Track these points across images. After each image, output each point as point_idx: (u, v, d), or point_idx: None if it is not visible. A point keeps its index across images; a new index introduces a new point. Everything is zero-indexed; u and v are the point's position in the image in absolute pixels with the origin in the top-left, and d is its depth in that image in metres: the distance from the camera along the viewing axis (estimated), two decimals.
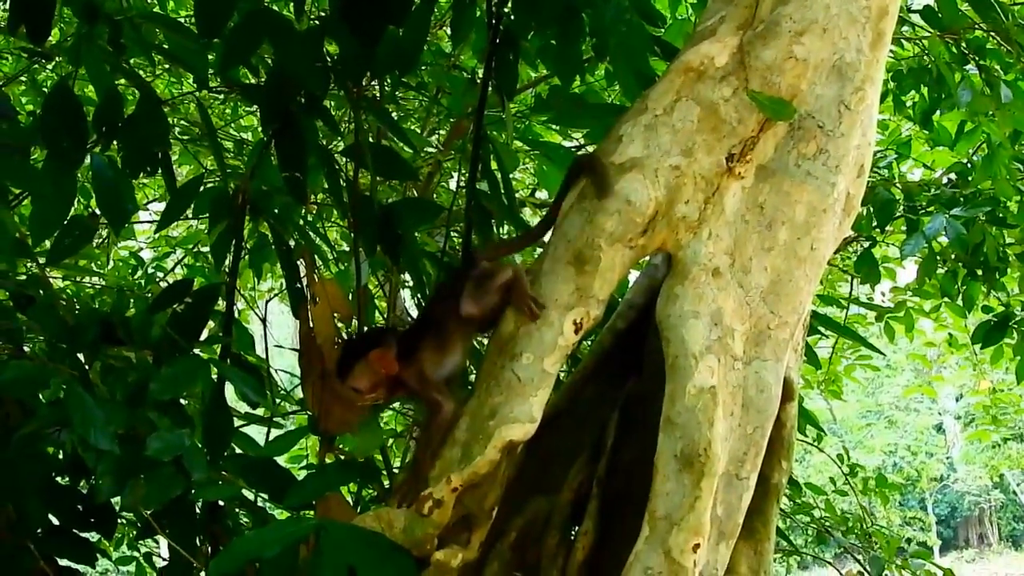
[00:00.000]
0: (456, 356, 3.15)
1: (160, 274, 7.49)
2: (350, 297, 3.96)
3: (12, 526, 3.44)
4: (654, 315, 3.14)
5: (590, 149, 3.66)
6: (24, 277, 4.13)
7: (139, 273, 7.36)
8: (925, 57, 6.16)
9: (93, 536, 3.71)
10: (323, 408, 3.33)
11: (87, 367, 3.41)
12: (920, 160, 7.43)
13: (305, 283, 3.81)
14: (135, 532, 5.16)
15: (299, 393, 5.23)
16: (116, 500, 3.46)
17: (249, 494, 3.89)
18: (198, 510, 3.68)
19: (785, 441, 3.25)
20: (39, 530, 3.48)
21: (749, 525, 3.12)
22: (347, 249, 5.59)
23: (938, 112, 6.50)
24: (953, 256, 6.47)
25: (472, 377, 3.37)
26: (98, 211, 3.60)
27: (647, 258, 3.47)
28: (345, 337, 3.65)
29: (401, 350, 3.13)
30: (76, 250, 3.79)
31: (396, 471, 4.32)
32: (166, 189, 3.94)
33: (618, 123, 3.14)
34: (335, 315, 3.60)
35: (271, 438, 4.05)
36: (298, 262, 3.98)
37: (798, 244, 3.09)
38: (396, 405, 5.60)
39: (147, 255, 7.87)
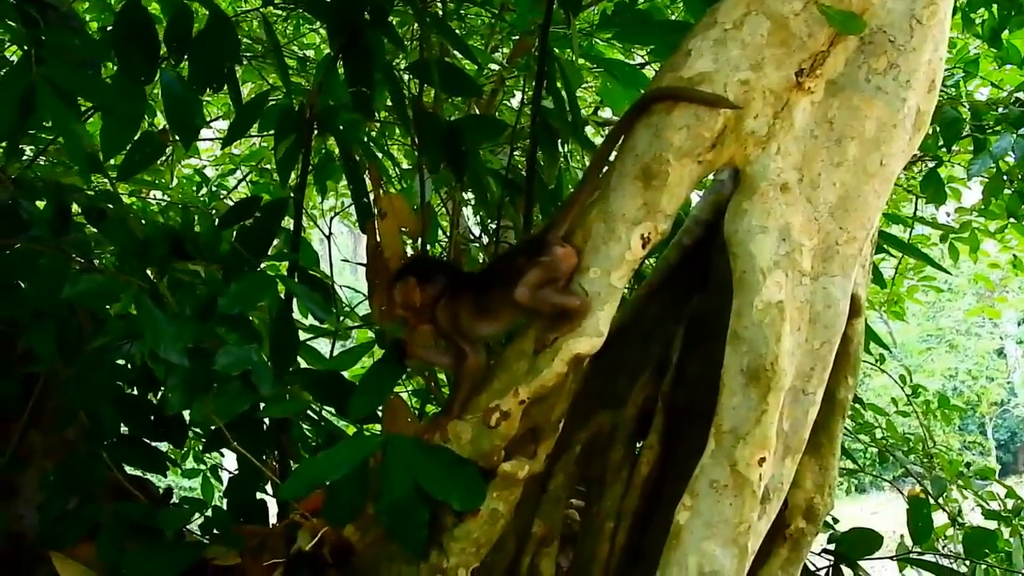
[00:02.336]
0: (495, 325, 3.12)
1: (224, 192, 7.52)
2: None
3: (85, 435, 3.50)
4: (721, 231, 3.13)
5: (655, 67, 3.64)
6: (92, 193, 4.17)
7: (203, 191, 7.39)
8: None
9: (163, 446, 3.78)
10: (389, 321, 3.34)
11: (157, 282, 3.44)
12: (988, 79, 7.31)
13: (372, 198, 3.82)
14: (201, 445, 5.24)
15: (362, 309, 5.28)
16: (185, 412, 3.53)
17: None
18: (266, 424, 3.74)
19: (852, 357, 3.24)
20: (111, 439, 3.54)
21: (814, 440, 3.12)
22: (410, 167, 5.60)
23: (1007, 30, 6.39)
24: (1020, 176, 6.38)
25: None
26: (167, 127, 3.62)
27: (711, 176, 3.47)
28: (410, 252, 3.65)
29: (448, 291, 3.14)
30: (146, 165, 3.83)
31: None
32: (232, 106, 3.94)
33: (687, 37, 3.10)
34: (402, 229, 3.60)
35: (336, 353, 4.10)
36: (364, 177, 3.99)
37: (867, 160, 3.06)
38: None
39: (211, 173, 7.90)
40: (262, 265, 3.67)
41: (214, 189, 7.51)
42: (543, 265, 2.96)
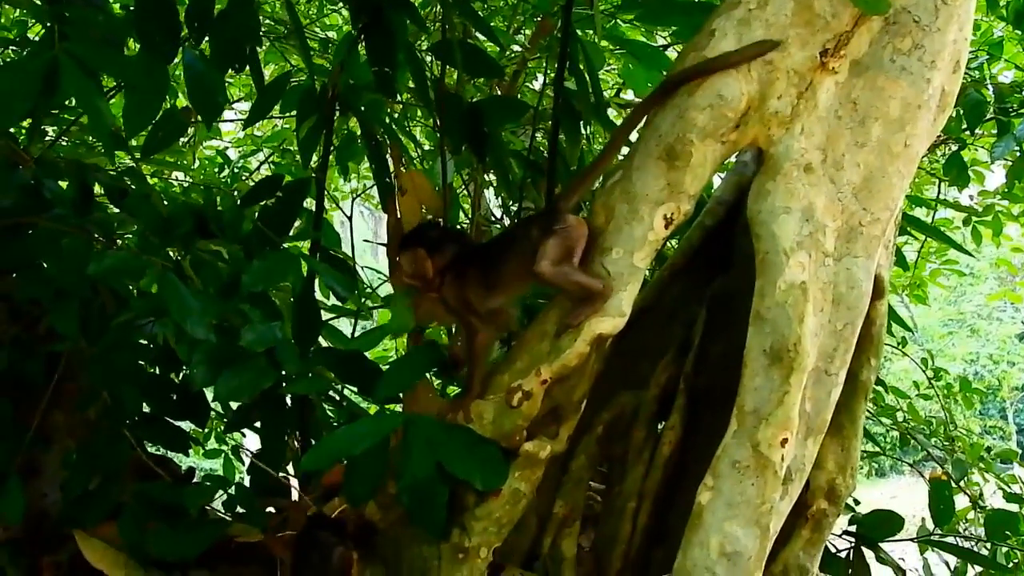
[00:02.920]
0: (504, 297, 3.11)
1: (246, 173, 7.53)
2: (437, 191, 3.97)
3: (108, 414, 3.51)
4: (743, 212, 3.13)
5: (677, 48, 3.62)
6: (114, 173, 4.18)
7: (225, 172, 7.41)
8: None
9: (185, 426, 3.79)
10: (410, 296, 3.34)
11: (180, 259, 3.44)
12: (1012, 61, 7.26)
13: (393, 175, 3.82)
14: (223, 426, 5.25)
15: (383, 290, 5.28)
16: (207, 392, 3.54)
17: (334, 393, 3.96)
18: (288, 403, 3.74)
19: (874, 338, 3.24)
20: (134, 418, 3.55)
21: (837, 422, 3.12)
22: (432, 148, 5.60)
23: None
24: None
25: None
26: (190, 106, 3.62)
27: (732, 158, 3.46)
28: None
29: (458, 263, 3.13)
30: (169, 143, 3.83)
31: None
32: (254, 86, 3.94)
33: (710, 17, 3.09)
34: (423, 206, 3.59)
35: (358, 333, 4.10)
36: (387, 157, 3.99)
37: (892, 140, 3.05)
38: None
39: (232, 154, 7.91)
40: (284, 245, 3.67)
41: (236, 170, 7.53)
42: (559, 235, 2.93)
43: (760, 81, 2.97)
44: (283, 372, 3.27)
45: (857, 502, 4.53)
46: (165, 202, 4.23)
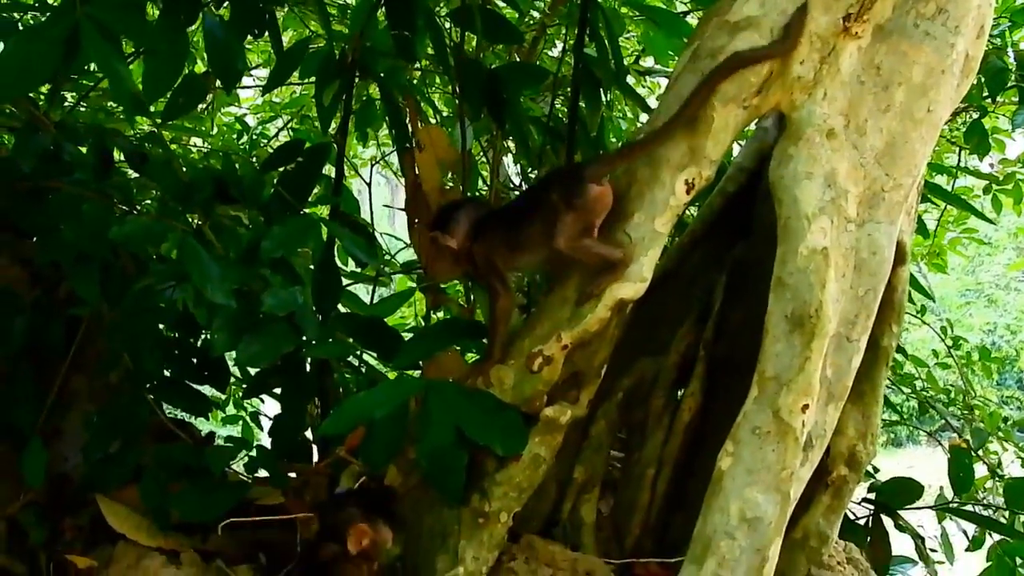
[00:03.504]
0: (529, 258, 3.10)
1: (264, 140, 7.52)
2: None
3: (129, 378, 3.52)
4: (764, 178, 3.11)
5: (698, 16, 3.60)
6: (134, 139, 4.18)
7: (244, 139, 7.40)
8: None
9: (205, 391, 3.80)
10: (429, 256, 3.34)
11: (201, 225, 3.44)
12: None
13: (411, 131, 3.81)
14: (242, 391, 5.26)
15: (402, 257, 5.28)
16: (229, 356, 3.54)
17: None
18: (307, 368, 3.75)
19: (896, 305, 3.23)
20: (154, 382, 3.56)
21: (858, 388, 3.11)
22: (451, 115, 5.59)
23: None
24: None
25: None
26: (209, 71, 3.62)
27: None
28: (450, 186, 3.63)
29: (484, 226, 3.13)
30: (189, 108, 3.82)
31: None
32: (272, 51, 3.94)
33: None
34: (440, 162, 3.58)
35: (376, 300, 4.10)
36: (407, 123, 3.98)
37: (915, 106, 3.03)
38: None
39: (251, 121, 7.90)
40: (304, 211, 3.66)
41: (254, 137, 7.52)
42: (577, 211, 2.92)
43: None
44: (303, 337, 3.28)
45: (876, 469, 4.53)
46: (184, 169, 4.23)
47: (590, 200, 2.92)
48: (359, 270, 4.13)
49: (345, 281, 3.90)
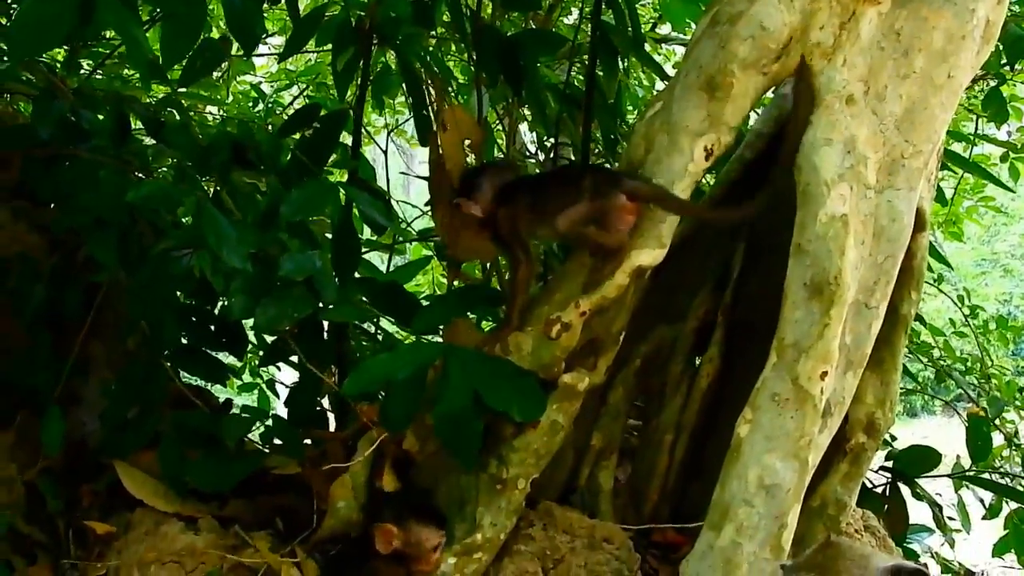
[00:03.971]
0: (546, 231, 3.11)
1: (279, 108, 7.50)
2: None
3: (146, 344, 3.52)
4: (783, 144, 3.10)
5: None
6: (151, 104, 4.17)
7: (259, 107, 7.38)
8: None
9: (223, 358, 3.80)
10: (451, 233, 3.33)
11: (218, 190, 3.44)
12: None
13: (434, 109, 3.80)
14: (258, 359, 5.27)
15: (418, 225, 5.28)
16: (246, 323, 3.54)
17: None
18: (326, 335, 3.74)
19: (915, 272, 3.22)
20: (172, 349, 3.56)
21: (877, 355, 3.11)
22: (466, 83, 5.57)
23: None
24: None
25: None
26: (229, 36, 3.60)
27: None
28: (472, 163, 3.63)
29: (509, 192, 3.13)
30: (207, 73, 3.81)
31: None
32: (289, 18, 3.92)
33: None
34: (465, 142, 3.57)
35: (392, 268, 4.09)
36: (424, 89, 3.97)
37: (935, 72, 3.02)
38: None
39: (267, 89, 7.88)
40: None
41: (269, 105, 7.50)
42: (593, 205, 2.93)
43: (802, 11, 2.94)
44: (321, 303, 3.27)
45: (894, 438, 4.52)
46: (200, 136, 4.22)
47: (614, 206, 2.92)
48: (375, 238, 4.12)
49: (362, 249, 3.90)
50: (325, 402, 3.94)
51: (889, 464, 4.03)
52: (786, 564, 2.37)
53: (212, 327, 3.63)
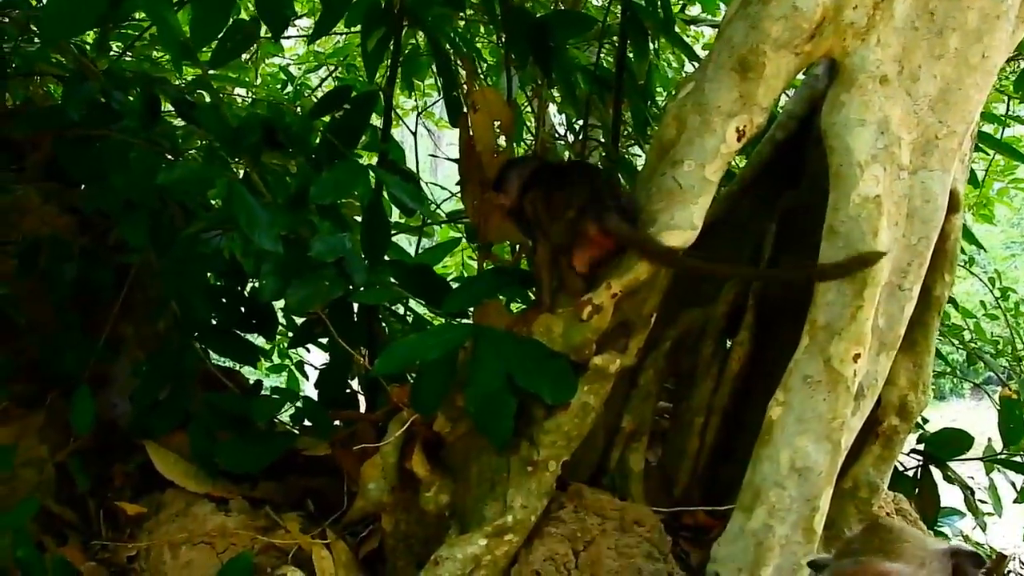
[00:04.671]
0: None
1: (308, 90, 7.50)
2: None
3: (177, 325, 3.53)
4: (815, 125, 3.08)
5: None
6: (182, 85, 4.18)
7: (288, 89, 7.38)
8: None
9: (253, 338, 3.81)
10: (482, 216, 3.33)
11: (249, 172, 3.44)
12: None
13: (465, 91, 3.79)
14: (287, 341, 5.28)
15: (446, 207, 5.27)
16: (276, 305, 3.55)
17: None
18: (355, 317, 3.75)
19: (949, 253, 3.19)
20: (202, 330, 3.57)
21: (910, 337, 3.08)
22: (496, 64, 5.56)
23: None
24: None
25: None
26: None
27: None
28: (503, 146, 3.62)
29: (532, 181, 3.13)
30: (237, 54, 3.82)
31: None
32: (318, 2, 3.91)
33: None
34: (495, 123, 3.56)
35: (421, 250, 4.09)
36: (455, 70, 3.96)
37: (969, 52, 2.98)
38: None
39: (295, 72, 7.88)
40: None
41: (298, 88, 7.50)
42: (572, 222, 2.97)
43: None
44: (351, 285, 3.28)
45: (925, 420, 4.50)
46: (229, 118, 4.23)
47: (584, 233, 2.95)
48: (404, 220, 4.12)
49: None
50: (355, 384, 3.95)
51: (920, 447, 4.01)
52: (840, 547, 2.33)
53: (242, 308, 3.65)
